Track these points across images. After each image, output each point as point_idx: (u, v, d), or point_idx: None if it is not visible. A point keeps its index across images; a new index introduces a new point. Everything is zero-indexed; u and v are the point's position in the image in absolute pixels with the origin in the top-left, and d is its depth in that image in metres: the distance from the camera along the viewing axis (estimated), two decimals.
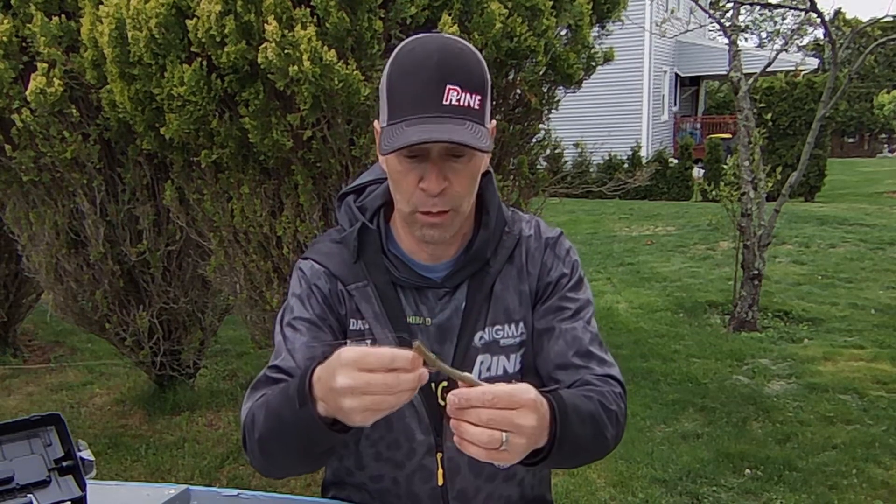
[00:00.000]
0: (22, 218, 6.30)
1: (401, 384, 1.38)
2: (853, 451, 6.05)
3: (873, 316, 9.92)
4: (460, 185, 1.76)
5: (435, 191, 1.73)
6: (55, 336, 9.91)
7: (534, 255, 2.02)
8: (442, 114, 1.67)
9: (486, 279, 1.95)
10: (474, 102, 1.70)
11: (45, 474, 1.95)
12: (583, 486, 5.41)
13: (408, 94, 1.70)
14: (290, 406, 1.57)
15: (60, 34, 5.23)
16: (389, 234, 1.98)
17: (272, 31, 3.87)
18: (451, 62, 1.70)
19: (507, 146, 5.06)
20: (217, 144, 4.52)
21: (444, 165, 1.73)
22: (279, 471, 1.85)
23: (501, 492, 2.05)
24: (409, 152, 1.72)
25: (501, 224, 1.99)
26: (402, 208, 1.83)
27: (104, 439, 6.59)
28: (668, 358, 8.50)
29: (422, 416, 1.92)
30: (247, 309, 5.28)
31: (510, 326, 1.98)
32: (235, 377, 8.14)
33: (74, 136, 5.52)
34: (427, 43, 1.74)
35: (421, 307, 1.93)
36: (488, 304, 1.96)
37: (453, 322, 1.94)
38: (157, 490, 2.15)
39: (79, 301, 6.35)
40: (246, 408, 1.81)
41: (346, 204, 2.01)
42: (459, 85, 1.68)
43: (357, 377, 1.38)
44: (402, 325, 1.91)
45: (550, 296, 2.02)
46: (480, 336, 1.94)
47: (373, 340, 1.88)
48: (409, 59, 1.73)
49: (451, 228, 1.83)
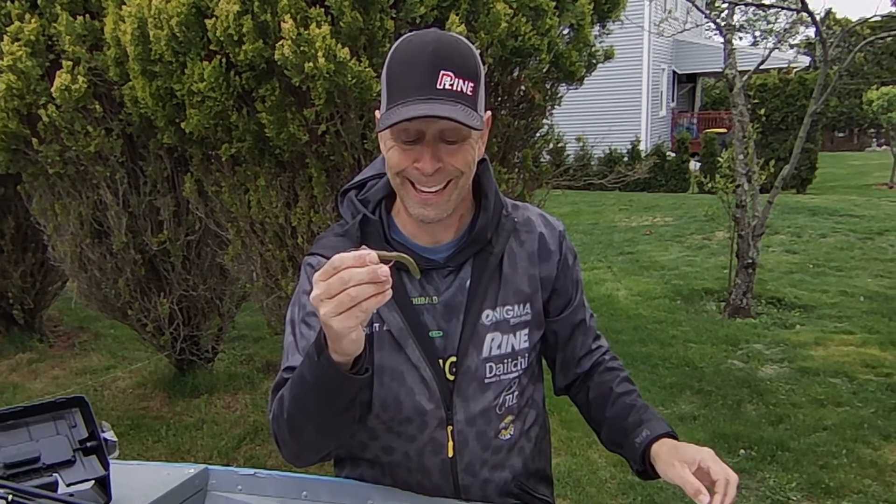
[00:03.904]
0: (48, 209, 6.30)
1: (352, 278, 1.43)
2: (843, 432, 6.05)
3: (862, 303, 9.90)
4: (454, 164, 1.78)
5: (429, 170, 1.75)
6: (79, 322, 9.93)
7: (548, 243, 2.07)
8: (436, 96, 1.69)
9: (490, 259, 1.96)
10: (467, 88, 1.72)
11: (70, 454, 1.95)
12: (584, 465, 5.40)
13: (404, 79, 1.72)
14: (311, 363, 1.63)
15: (85, 33, 5.23)
16: (392, 223, 1.98)
17: (288, 30, 3.86)
18: (445, 50, 1.72)
19: (512, 140, 5.06)
20: (235, 139, 4.51)
21: (437, 147, 1.75)
22: (307, 450, 1.85)
23: (506, 463, 2.06)
24: (405, 136, 1.75)
25: (500, 207, 2.00)
26: (396, 183, 1.85)
27: (126, 421, 6.60)
28: (666, 343, 8.49)
29: (433, 390, 1.92)
30: (263, 296, 5.27)
31: (519, 306, 2.01)
32: (252, 361, 8.16)
33: (98, 131, 5.52)
34: (424, 35, 1.76)
35: (427, 287, 1.94)
36: (497, 285, 1.98)
37: (458, 299, 1.95)
38: (177, 469, 2.15)
39: (102, 289, 6.36)
40: (272, 405, 1.86)
41: (348, 198, 2.02)
42: (453, 71, 1.70)
43: (321, 284, 1.46)
44: (408, 307, 1.91)
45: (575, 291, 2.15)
46: (489, 315, 1.96)
47: (381, 323, 1.90)
48: (406, 49, 1.75)
49: (447, 206, 1.84)
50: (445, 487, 2.01)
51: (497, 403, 2.00)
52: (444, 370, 1.94)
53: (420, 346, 1.91)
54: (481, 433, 1.99)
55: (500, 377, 1.99)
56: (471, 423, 1.97)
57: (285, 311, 2.05)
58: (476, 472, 2.01)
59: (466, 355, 1.94)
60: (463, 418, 1.96)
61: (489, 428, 2.00)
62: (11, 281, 8.49)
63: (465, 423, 1.96)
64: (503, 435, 2.04)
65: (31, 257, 8.52)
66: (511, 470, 2.07)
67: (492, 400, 1.98)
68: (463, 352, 1.93)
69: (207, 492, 2.16)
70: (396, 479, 2.03)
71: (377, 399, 1.93)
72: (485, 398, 1.97)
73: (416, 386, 1.92)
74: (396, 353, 1.91)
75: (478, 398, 1.97)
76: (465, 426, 1.96)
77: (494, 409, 2.00)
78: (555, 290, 2.08)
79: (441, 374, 1.93)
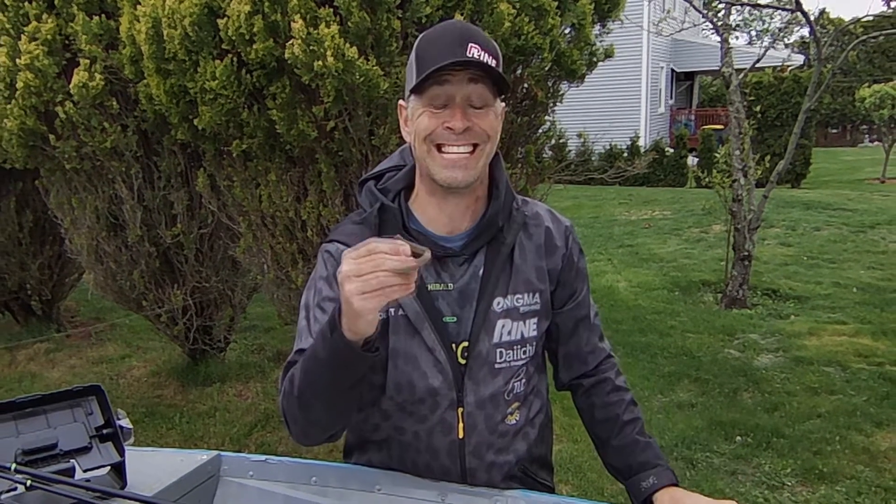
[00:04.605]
0: (65, 203, 6.31)
1: (384, 264, 1.47)
2: (836, 419, 6.04)
3: (855, 294, 9.89)
4: (481, 125, 1.81)
5: (460, 127, 1.79)
6: (96, 313, 9.96)
7: (554, 237, 2.08)
8: (466, 58, 1.75)
9: (501, 248, 1.99)
10: (492, 62, 1.78)
11: (87, 441, 1.95)
12: (586, 451, 5.40)
13: (433, 51, 1.78)
14: (324, 339, 1.66)
15: (101, 32, 5.23)
16: (410, 213, 1.99)
17: (298, 30, 3.86)
18: (471, 29, 1.82)
19: (516, 136, 5.05)
20: (246, 135, 4.51)
21: (466, 110, 1.80)
22: (314, 427, 1.86)
23: (511, 447, 2.07)
24: (436, 101, 1.80)
25: (510, 198, 2.02)
26: (423, 150, 1.86)
27: (141, 408, 6.62)
28: (664, 333, 8.49)
29: (446, 373, 1.94)
30: (273, 287, 5.27)
31: (528, 296, 2.02)
32: (263, 351, 8.17)
33: (114, 127, 5.52)
34: (449, 22, 1.86)
35: (443, 274, 1.96)
36: (509, 274, 2.00)
37: (472, 286, 1.97)
38: (190, 456, 2.15)
39: (118, 280, 6.37)
40: (283, 384, 1.87)
41: (367, 188, 2.03)
42: (479, 45, 1.77)
43: (352, 262, 1.50)
44: (424, 292, 1.93)
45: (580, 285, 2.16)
46: (500, 302, 1.98)
47: (396, 308, 1.92)
48: (434, 31, 1.84)
49: (475, 171, 1.86)
50: (452, 469, 2.03)
51: (506, 389, 2.01)
52: (457, 354, 1.96)
53: (435, 330, 1.93)
54: (489, 417, 2.01)
55: (509, 363, 2.01)
56: (480, 407, 1.99)
57: (295, 302, 2.07)
58: (482, 454, 2.03)
59: (478, 340, 1.96)
60: (473, 401, 1.98)
61: (497, 412, 2.01)
62: (30, 273, 8.51)
63: (475, 405, 1.98)
64: (509, 420, 2.05)
65: (48, 250, 8.54)
66: (515, 454, 2.08)
67: (501, 385, 2.00)
68: (475, 337, 1.95)
69: (220, 477, 2.16)
70: (405, 461, 2.04)
71: (391, 382, 1.95)
72: (494, 383, 1.99)
73: (429, 369, 1.94)
74: (411, 338, 1.93)
75: (488, 382, 1.99)
76: (474, 409, 1.98)
77: (503, 395, 2.01)
78: (560, 283, 2.09)
79: (454, 358, 1.95)
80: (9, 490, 1.77)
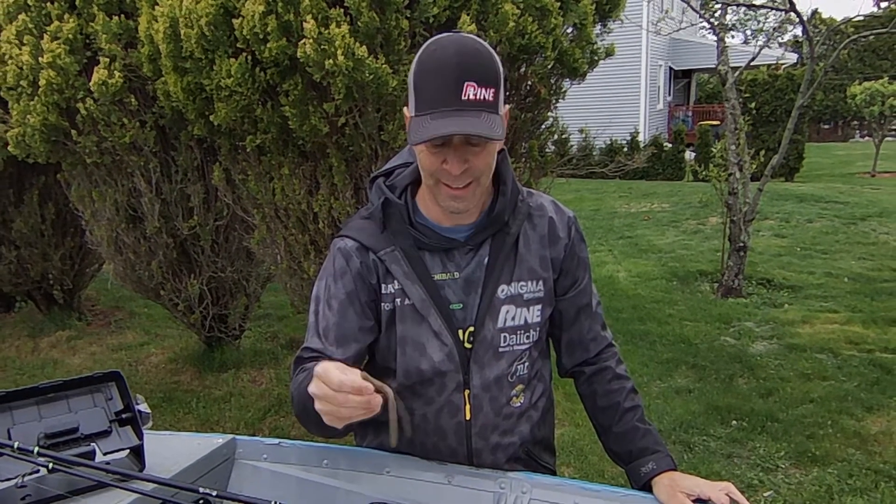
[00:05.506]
0: (85, 196, 6.31)
1: (348, 402, 1.52)
2: (828, 404, 6.04)
3: (846, 284, 9.88)
4: (478, 164, 1.81)
5: (457, 172, 1.78)
6: (115, 302, 9.96)
7: (557, 227, 2.09)
8: (461, 107, 1.71)
9: (506, 239, 2.00)
10: (489, 95, 1.73)
11: (107, 425, 1.97)
12: (587, 435, 5.40)
13: (431, 90, 1.74)
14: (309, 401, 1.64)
15: (120, 32, 5.23)
16: (416, 207, 2.00)
17: (310, 29, 3.85)
18: (467, 61, 1.73)
19: (519, 132, 5.05)
20: (260, 130, 4.51)
21: (463, 150, 1.78)
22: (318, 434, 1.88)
23: (515, 429, 2.10)
24: (434, 142, 1.76)
25: (516, 193, 2.02)
26: (429, 183, 1.87)
27: (159, 394, 6.63)
28: (662, 321, 8.49)
29: (452, 356, 1.97)
30: (286, 277, 5.27)
31: (532, 283, 2.04)
32: (276, 338, 8.18)
33: (133, 123, 5.53)
34: (447, 46, 1.76)
35: (449, 264, 1.98)
36: (513, 263, 2.01)
37: (477, 275, 1.99)
38: (206, 439, 2.16)
39: (136, 270, 6.38)
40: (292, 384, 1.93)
41: (376, 185, 2.04)
42: (475, 80, 1.72)
43: (321, 388, 1.54)
44: (429, 281, 1.96)
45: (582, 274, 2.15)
46: (504, 289, 2.00)
47: (402, 298, 1.95)
48: (431, 59, 1.76)
49: (473, 199, 1.88)
50: (459, 450, 2.05)
51: (510, 372, 2.03)
52: (463, 339, 1.98)
53: (442, 317, 1.95)
54: (494, 399, 2.03)
55: (513, 347, 2.02)
56: (486, 389, 2.01)
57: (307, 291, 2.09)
58: (487, 436, 2.05)
59: (483, 325, 1.98)
60: (479, 383, 2.00)
61: (501, 395, 2.04)
62: (52, 263, 8.51)
63: (481, 388, 2.01)
64: (514, 402, 2.07)
65: (70, 241, 8.54)
66: (519, 436, 2.11)
67: (505, 368, 2.02)
68: (480, 322, 1.97)
69: (235, 460, 2.17)
70: (414, 443, 2.06)
71: (400, 368, 1.99)
72: (499, 366, 2.01)
73: (435, 352, 1.97)
74: (419, 325, 1.96)
75: (492, 365, 2.01)
76: (480, 391, 2.01)
77: (507, 377, 2.03)
78: (562, 271, 2.10)
79: (460, 343, 1.98)
80: (31, 472, 1.78)
